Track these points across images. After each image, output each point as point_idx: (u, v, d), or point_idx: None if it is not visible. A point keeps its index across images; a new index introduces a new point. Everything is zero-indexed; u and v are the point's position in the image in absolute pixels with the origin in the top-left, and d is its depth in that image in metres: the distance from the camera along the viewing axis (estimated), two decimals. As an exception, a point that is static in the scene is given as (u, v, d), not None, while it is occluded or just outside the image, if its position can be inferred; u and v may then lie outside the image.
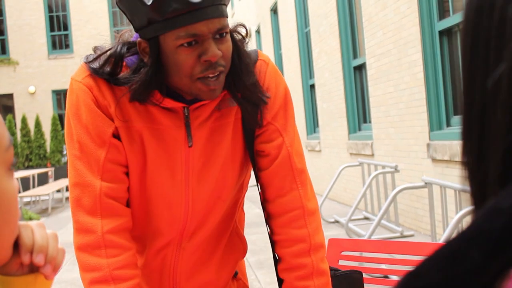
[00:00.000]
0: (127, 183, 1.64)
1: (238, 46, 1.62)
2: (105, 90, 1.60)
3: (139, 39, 1.55)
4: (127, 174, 1.65)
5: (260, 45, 16.49)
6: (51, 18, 24.50)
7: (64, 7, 24.50)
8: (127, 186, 1.65)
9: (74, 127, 1.61)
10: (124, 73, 1.58)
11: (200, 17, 1.46)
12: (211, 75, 1.50)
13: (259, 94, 1.65)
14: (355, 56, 8.88)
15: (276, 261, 1.79)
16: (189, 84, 1.53)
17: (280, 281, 1.78)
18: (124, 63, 1.60)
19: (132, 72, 1.57)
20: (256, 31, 16.81)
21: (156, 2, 1.44)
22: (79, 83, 1.61)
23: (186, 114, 1.62)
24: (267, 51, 15.20)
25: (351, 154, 8.95)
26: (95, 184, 1.59)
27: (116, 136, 1.61)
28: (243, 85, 1.61)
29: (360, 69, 8.77)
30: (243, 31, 1.66)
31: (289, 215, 1.73)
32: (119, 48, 1.59)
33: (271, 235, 1.79)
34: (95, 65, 1.60)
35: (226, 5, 1.55)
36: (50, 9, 24.58)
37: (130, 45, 1.60)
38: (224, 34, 1.52)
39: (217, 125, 1.65)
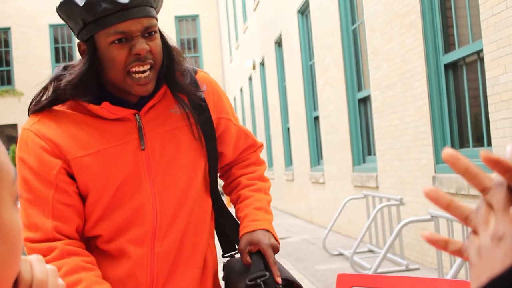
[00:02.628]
0: (77, 223, 1.71)
1: (168, 46, 1.76)
2: (53, 130, 1.70)
3: (78, 41, 1.70)
4: (86, 200, 1.73)
5: (265, 77, 16.55)
6: (56, 50, 24.68)
7: (70, 39, 24.68)
8: (78, 225, 1.72)
9: (24, 171, 1.69)
10: None
11: (127, 16, 1.61)
12: (141, 68, 1.64)
13: (195, 90, 1.80)
14: (359, 88, 8.89)
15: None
16: (122, 78, 1.65)
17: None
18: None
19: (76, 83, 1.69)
20: (260, 64, 16.88)
21: (87, 3, 1.60)
22: (27, 131, 1.72)
23: (138, 120, 1.73)
24: (272, 83, 15.25)
25: (355, 186, 8.91)
26: (46, 224, 1.66)
27: (68, 172, 1.70)
28: (177, 83, 1.76)
29: (364, 101, 8.77)
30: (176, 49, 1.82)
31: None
32: (55, 72, 1.74)
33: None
34: (37, 100, 1.73)
35: (155, 8, 1.70)
36: (56, 41, 24.77)
37: (68, 66, 1.74)
38: (153, 33, 1.67)
39: (172, 128, 1.77)
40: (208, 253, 1.89)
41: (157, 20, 1.71)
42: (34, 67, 24.09)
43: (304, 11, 11.73)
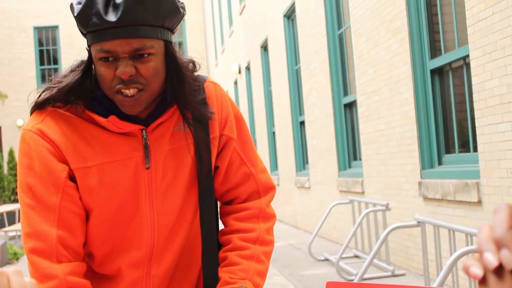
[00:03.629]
0: (83, 234, 1.63)
1: (177, 67, 1.62)
2: (57, 133, 1.61)
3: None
4: (86, 217, 1.65)
5: (250, 82, 16.53)
6: (41, 52, 24.53)
7: (55, 41, 24.54)
8: (83, 232, 1.63)
9: (27, 177, 1.59)
10: None
11: (113, 36, 1.49)
12: (125, 91, 1.53)
13: (205, 110, 1.69)
14: (345, 93, 8.89)
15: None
16: (111, 96, 1.56)
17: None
18: None
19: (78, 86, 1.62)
20: (246, 68, 16.86)
21: (79, 15, 1.50)
22: (30, 132, 1.62)
23: (144, 136, 1.63)
24: (257, 87, 15.23)
25: (341, 191, 8.90)
26: (51, 233, 1.56)
27: (72, 178, 1.61)
28: (188, 102, 1.64)
29: (350, 106, 8.77)
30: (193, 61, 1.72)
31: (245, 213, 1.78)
32: (67, 71, 1.66)
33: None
34: (42, 98, 1.65)
35: (160, 26, 1.56)
36: (40, 43, 24.62)
37: (77, 66, 1.66)
38: (145, 55, 1.53)
39: (177, 146, 1.67)
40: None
41: (161, 39, 1.56)
42: (19, 70, 23.92)
43: (290, 16, 11.73)
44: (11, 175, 19.40)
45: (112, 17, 1.47)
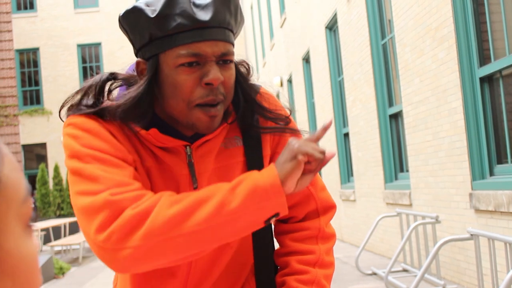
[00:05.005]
0: None
1: (243, 77, 1.53)
2: (109, 126, 1.45)
3: (138, 59, 1.45)
4: None
5: (292, 94, 16.46)
6: (84, 69, 24.89)
7: (98, 58, 24.89)
8: None
9: (87, 164, 1.36)
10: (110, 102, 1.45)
11: (205, 36, 1.37)
12: (211, 102, 1.40)
13: (277, 115, 1.58)
14: (390, 104, 8.74)
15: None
16: (185, 110, 1.41)
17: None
18: (109, 97, 1.47)
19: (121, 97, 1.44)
20: (288, 80, 16.79)
21: (160, 15, 1.36)
22: (77, 121, 1.43)
23: (188, 153, 1.49)
24: (300, 100, 15.14)
25: (387, 203, 8.73)
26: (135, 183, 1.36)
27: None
28: (250, 118, 1.53)
29: (396, 117, 8.62)
30: (245, 66, 1.58)
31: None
32: (99, 77, 1.49)
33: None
34: (77, 104, 1.47)
35: (234, 33, 1.46)
36: (83, 60, 24.99)
37: (115, 75, 1.50)
38: (228, 61, 1.42)
39: (224, 164, 1.52)
40: None
41: (234, 47, 1.46)
42: (63, 87, 24.30)
43: (332, 27, 11.63)
44: (56, 190, 19.63)
45: (203, 16, 1.37)
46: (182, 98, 1.39)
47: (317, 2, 12.14)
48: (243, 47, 26.25)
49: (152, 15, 1.37)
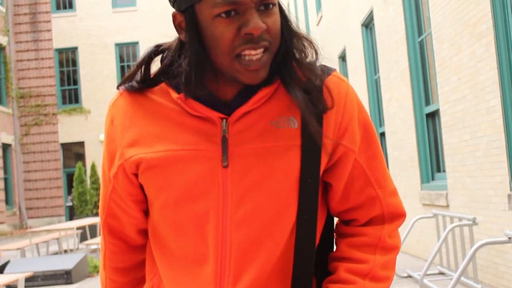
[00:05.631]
0: (130, 221, 1.49)
1: (287, 22, 1.35)
2: (124, 118, 1.40)
3: (173, 11, 1.33)
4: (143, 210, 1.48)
5: (328, 93, 16.32)
6: (122, 68, 25.09)
7: (135, 57, 25.06)
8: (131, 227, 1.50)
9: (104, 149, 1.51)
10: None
11: None
12: (252, 52, 1.26)
13: (321, 98, 1.35)
14: (427, 102, 8.55)
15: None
16: (228, 62, 1.28)
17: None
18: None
19: (168, 65, 1.37)
20: (324, 79, 16.67)
21: None
22: (107, 112, 1.47)
23: (223, 127, 1.34)
24: (336, 98, 14.99)
25: (424, 204, 8.55)
26: (101, 214, 1.51)
27: (130, 169, 1.40)
28: (296, 79, 1.34)
29: (433, 116, 8.43)
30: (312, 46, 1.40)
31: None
32: (146, 52, 1.41)
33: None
34: (129, 80, 1.42)
35: None
36: (121, 59, 25.18)
37: (160, 46, 1.42)
38: (270, 6, 1.27)
39: (271, 145, 1.33)
40: None
41: None
42: (101, 85, 24.52)
43: (368, 24, 11.46)
44: (93, 189, 19.81)
45: None
46: (222, 51, 1.27)
47: (353, 0, 12.00)
48: (280, 46, 26.19)
49: None
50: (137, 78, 1.40)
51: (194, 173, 1.33)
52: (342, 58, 14.10)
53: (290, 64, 1.35)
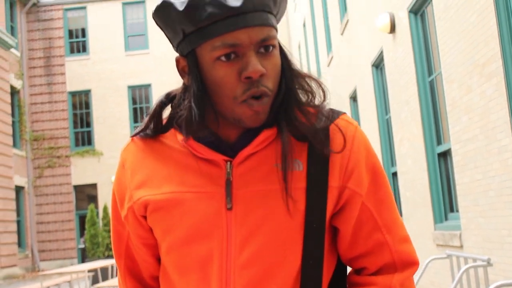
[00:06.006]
0: (145, 265, 1.50)
1: (289, 63, 1.36)
2: (134, 162, 1.43)
3: (177, 56, 1.35)
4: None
5: (340, 133, 16.32)
6: (134, 110, 25.27)
7: (148, 99, 25.25)
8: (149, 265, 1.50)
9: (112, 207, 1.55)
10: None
11: (239, 24, 1.25)
12: (254, 95, 1.27)
13: (325, 142, 1.34)
14: (439, 142, 8.53)
15: None
16: (231, 106, 1.29)
17: None
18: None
19: (176, 110, 1.40)
20: (335, 119, 16.69)
21: (189, 7, 1.25)
22: (120, 157, 1.51)
23: (228, 170, 1.34)
24: (347, 138, 14.98)
25: (437, 245, 8.46)
26: (119, 262, 1.53)
27: (138, 211, 1.42)
28: (299, 123, 1.34)
29: (444, 155, 8.40)
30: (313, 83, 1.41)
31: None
32: (157, 101, 1.43)
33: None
34: (142, 130, 1.45)
35: (275, 15, 1.32)
36: (134, 101, 25.38)
37: (170, 94, 1.45)
38: (270, 48, 1.29)
39: (273, 188, 1.33)
40: None
41: (277, 30, 1.32)
42: (113, 127, 24.67)
43: (378, 65, 11.51)
44: (105, 231, 19.79)
45: (235, 2, 1.24)
46: (225, 95, 1.28)
47: (363, 40, 12.07)
48: (292, 87, 26.31)
49: (181, 8, 1.27)
50: (151, 127, 1.43)
51: (199, 215, 1.34)
52: (353, 98, 14.13)
53: (290, 107, 1.35)
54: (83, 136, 25.56)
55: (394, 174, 11.15)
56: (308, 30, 20.81)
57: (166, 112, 1.45)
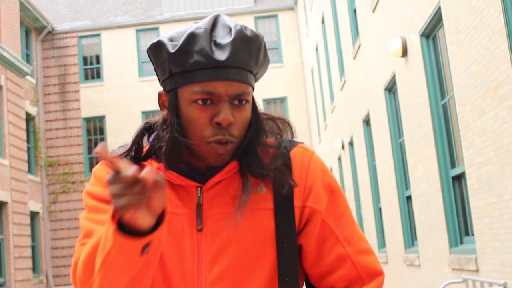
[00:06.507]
0: None
1: (257, 116, 1.51)
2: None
3: (160, 91, 1.49)
4: None
5: (354, 157, 16.29)
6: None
7: (161, 125, 25.39)
8: None
9: (90, 201, 1.54)
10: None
11: (220, 76, 1.39)
12: (219, 148, 1.42)
13: (284, 174, 1.49)
14: (453, 165, 8.50)
15: None
16: (199, 144, 1.43)
17: None
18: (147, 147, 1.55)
19: (155, 140, 1.51)
20: (349, 143, 16.67)
21: (178, 51, 1.39)
22: (92, 176, 1.59)
23: (199, 194, 1.48)
24: (361, 162, 14.97)
25: (453, 269, 8.39)
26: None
27: None
28: (256, 160, 1.48)
29: (459, 178, 8.37)
30: (283, 125, 1.57)
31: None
32: (136, 133, 1.56)
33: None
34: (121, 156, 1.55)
35: (254, 74, 1.46)
36: (148, 127, 25.50)
37: (148, 123, 1.57)
38: (243, 102, 1.44)
39: (245, 209, 1.46)
40: None
41: (253, 89, 1.47)
42: (127, 153, 24.77)
43: (391, 89, 11.53)
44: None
45: (220, 56, 1.38)
46: (195, 134, 1.42)
47: (376, 64, 12.11)
48: (305, 111, 26.33)
49: (172, 51, 1.40)
50: (131, 155, 1.54)
51: (173, 235, 1.46)
52: (366, 122, 14.14)
53: (251, 150, 1.48)
54: (97, 162, 25.66)
55: (409, 198, 11.11)
56: (321, 54, 20.89)
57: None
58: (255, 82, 1.49)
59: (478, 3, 6.43)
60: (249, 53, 1.42)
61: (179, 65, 1.40)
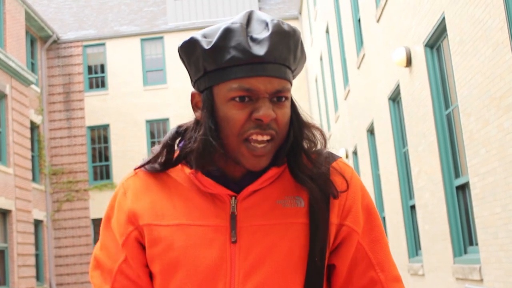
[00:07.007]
0: None
1: (298, 114, 1.45)
2: (139, 191, 1.47)
3: (193, 91, 1.42)
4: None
5: (358, 166, 16.30)
6: (153, 144, 25.37)
7: (166, 133, 25.37)
8: None
9: (102, 230, 1.55)
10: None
11: (258, 72, 1.32)
12: (259, 138, 1.34)
13: (328, 184, 1.42)
14: (457, 175, 8.51)
15: None
16: (235, 145, 1.35)
17: None
18: (177, 152, 1.48)
19: (186, 143, 1.44)
20: (353, 152, 16.68)
21: (215, 47, 1.32)
22: (119, 185, 1.54)
23: (233, 204, 1.40)
24: (365, 172, 14.97)
25: (457, 279, 8.39)
26: None
27: (141, 241, 1.45)
28: (302, 167, 1.41)
29: (463, 188, 8.37)
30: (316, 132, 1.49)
31: None
32: (168, 136, 1.49)
33: None
34: (150, 163, 1.49)
35: (292, 70, 1.39)
36: (152, 135, 25.54)
37: (181, 127, 1.50)
38: (283, 99, 1.36)
39: (277, 223, 1.39)
40: None
41: (291, 84, 1.40)
42: (131, 161, 24.77)
43: (395, 98, 11.55)
44: (123, 265, 19.83)
45: (258, 51, 1.31)
46: (232, 132, 1.34)
47: (380, 74, 12.14)
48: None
49: (207, 47, 1.33)
50: (161, 161, 1.47)
51: (203, 248, 1.38)
52: (370, 131, 14.15)
53: (298, 153, 1.42)
54: (102, 170, 25.70)
55: (412, 207, 11.11)
56: (325, 63, 20.93)
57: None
58: (293, 79, 1.43)
59: (482, 14, 6.46)
60: (287, 48, 1.35)
61: (215, 62, 1.33)
